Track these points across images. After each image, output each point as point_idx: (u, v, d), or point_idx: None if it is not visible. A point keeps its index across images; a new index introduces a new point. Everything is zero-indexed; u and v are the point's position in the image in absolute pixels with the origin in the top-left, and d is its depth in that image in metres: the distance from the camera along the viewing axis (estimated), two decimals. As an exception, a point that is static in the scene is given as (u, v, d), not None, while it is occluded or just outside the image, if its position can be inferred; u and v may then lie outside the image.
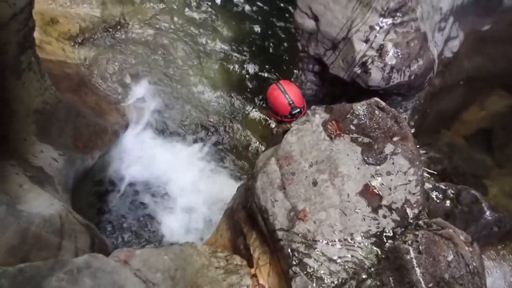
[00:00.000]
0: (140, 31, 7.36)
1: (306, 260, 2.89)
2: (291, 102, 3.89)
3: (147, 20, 7.52)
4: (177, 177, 6.14)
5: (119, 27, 7.21)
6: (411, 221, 2.99)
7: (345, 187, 3.10)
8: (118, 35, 7.16)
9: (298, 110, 3.91)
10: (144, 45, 7.26)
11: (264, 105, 4.12)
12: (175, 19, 7.75)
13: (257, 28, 8.05)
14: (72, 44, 6.62)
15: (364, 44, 4.39)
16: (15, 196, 3.66)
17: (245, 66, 7.59)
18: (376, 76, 4.35)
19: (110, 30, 7.12)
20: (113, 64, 6.81)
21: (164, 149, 6.38)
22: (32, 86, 4.33)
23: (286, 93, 3.90)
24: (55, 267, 2.57)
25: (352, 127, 3.31)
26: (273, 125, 4.44)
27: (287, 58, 7.69)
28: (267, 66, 7.60)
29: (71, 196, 4.82)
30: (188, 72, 7.25)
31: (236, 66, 7.54)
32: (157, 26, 7.53)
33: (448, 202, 4.24)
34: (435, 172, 4.95)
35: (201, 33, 7.76)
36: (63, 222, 3.78)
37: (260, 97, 6.94)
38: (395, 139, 3.22)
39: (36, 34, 4.34)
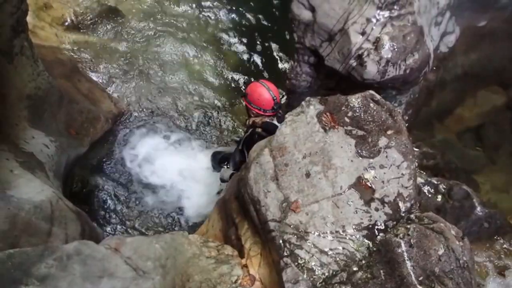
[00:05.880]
0: (135, 18, 7.29)
1: (297, 251, 2.88)
2: (274, 98, 4.36)
3: (142, 7, 7.45)
4: (175, 167, 6.08)
5: (113, 13, 7.14)
6: (403, 214, 2.99)
7: (338, 179, 3.09)
8: (112, 22, 7.09)
9: (279, 105, 4.43)
10: (138, 32, 7.19)
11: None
12: (171, 6, 7.68)
13: (252, 18, 8.01)
14: (66, 29, 6.54)
15: (361, 37, 4.37)
16: (5, 182, 3.61)
17: (240, 55, 7.57)
18: (371, 69, 4.35)
19: (105, 16, 7.05)
20: (106, 51, 6.75)
21: (156, 139, 6.32)
22: (24, 71, 4.28)
23: (270, 90, 4.36)
24: (45, 254, 2.54)
25: (347, 120, 3.29)
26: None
27: (282, 48, 7.67)
28: (262, 56, 7.58)
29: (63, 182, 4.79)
30: (181, 60, 7.20)
31: (233, 56, 7.52)
32: (152, 13, 7.47)
33: (439, 197, 4.27)
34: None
35: (197, 21, 7.71)
36: (54, 208, 3.75)
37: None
38: (389, 132, 3.21)
39: (29, 19, 4.28)
